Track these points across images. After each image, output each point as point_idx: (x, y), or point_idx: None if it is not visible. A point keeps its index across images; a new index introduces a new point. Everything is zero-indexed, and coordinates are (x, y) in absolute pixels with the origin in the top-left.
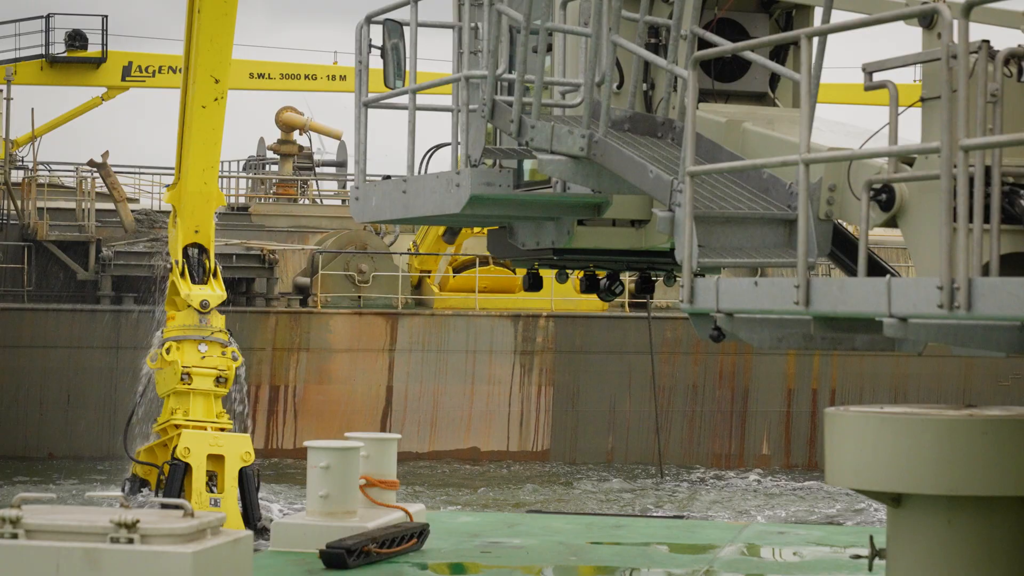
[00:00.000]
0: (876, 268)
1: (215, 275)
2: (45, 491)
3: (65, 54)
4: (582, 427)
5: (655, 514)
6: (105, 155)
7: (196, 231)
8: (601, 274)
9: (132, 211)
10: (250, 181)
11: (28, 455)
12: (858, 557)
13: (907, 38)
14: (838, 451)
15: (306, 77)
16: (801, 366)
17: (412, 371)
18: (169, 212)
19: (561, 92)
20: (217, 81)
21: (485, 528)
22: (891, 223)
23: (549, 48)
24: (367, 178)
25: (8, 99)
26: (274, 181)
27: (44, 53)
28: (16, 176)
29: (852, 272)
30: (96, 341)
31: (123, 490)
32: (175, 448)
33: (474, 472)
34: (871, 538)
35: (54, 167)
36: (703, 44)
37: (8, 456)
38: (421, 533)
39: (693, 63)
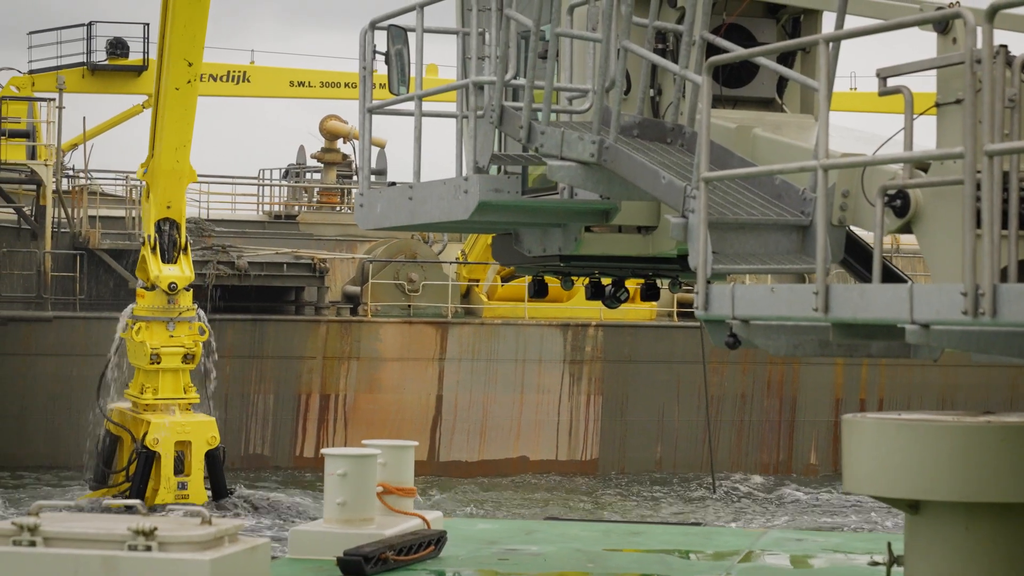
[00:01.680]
0: (889, 275)
1: (185, 251)
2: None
3: (106, 62)
4: (631, 436)
5: (672, 521)
6: None
7: (168, 207)
8: (606, 281)
9: None
10: (289, 189)
11: (83, 462)
12: (876, 564)
13: (915, 43)
14: (856, 458)
15: (346, 85)
16: (849, 376)
17: (462, 380)
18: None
19: (568, 98)
20: (190, 64)
21: (502, 535)
22: (905, 229)
23: (556, 54)
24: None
25: (60, 107)
26: (317, 190)
27: (85, 61)
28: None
29: (864, 279)
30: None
31: (97, 446)
32: (145, 435)
33: (522, 482)
34: (889, 545)
35: (96, 174)
36: (712, 50)
37: (62, 465)
38: (438, 540)
39: (707, 68)
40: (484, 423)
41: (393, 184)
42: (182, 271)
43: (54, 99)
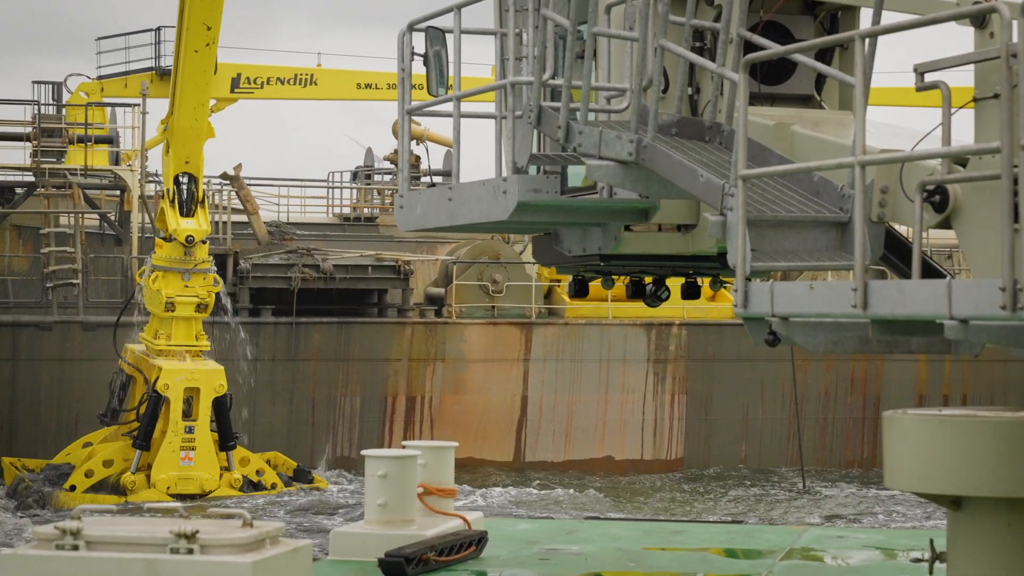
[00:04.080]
0: (929, 271)
1: (202, 204)
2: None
3: None
4: (715, 435)
5: (713, 519)
6: (238, 168)
7: (187, 162)
8: (647, 280)
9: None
10: (358, 191)
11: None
12: (918, 561)
13: (955, 38)
14: (897, 454)
15: (413, 87)
16: (932, 372)
17: (547, 380)
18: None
19: (606, 97)
20: (209, 28)
21: (543, 535)
22: (944, 224)
23: (593, 53)
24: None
25: (144, 112)
26: (389, 191)
27: (154, 66)
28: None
29: (904, 275)
30: (235, 353)
31: (111, 386)
32: (156, 379)
33: (609, 482)
34: (931, 541)
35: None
36: (749, 47)
37: None
38: (479, 541)
39: (744, 66)
40: (569, 423)
41: (433, 185)
42: (199, 224)
43: (138, 104)
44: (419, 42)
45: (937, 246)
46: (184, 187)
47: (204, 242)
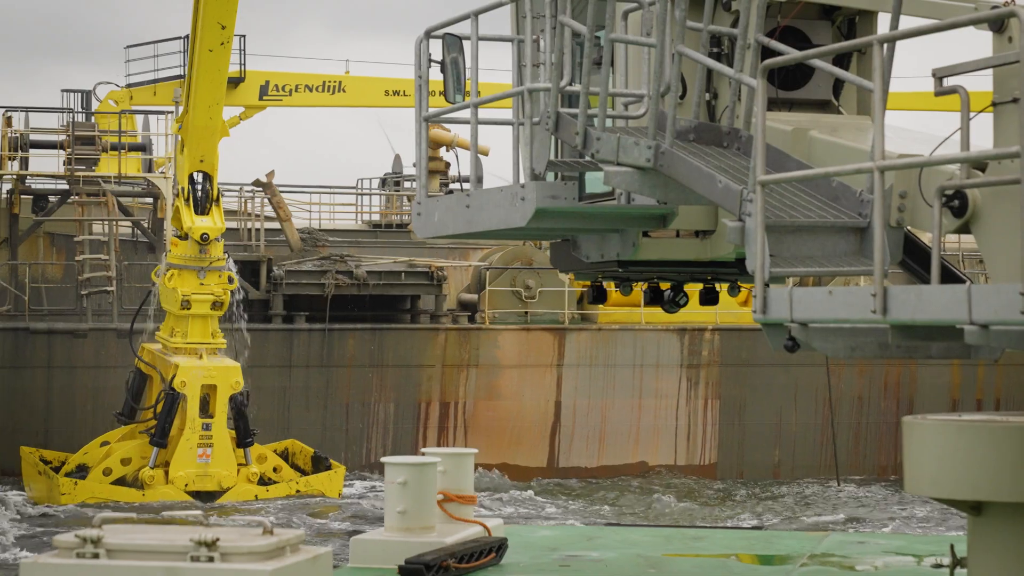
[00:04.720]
0: (948, 275)
1: (217, 202)
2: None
3: None
4: (749, 440)
5: (734, 525)
6: (270, 175)
7: (201, 160)
8: (665, 286)
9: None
10: (385, 198)
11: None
12: (939, 566)
13: (973, 43)
14: (917, 460)
15: (440, 93)
16: (966, 376)
17: (580, 386)
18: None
19: (624, 103)
20: (223, 27)
21: (563, 542)
22: (963, 229)
23: (611, 59)
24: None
25: (177, 120)
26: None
27: (183, 74)
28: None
29: (923, 280)
30: (269, 360)
31: (128, 383)
32: (173, 377)
33: (643, 486)
34: (952, 547)
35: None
36: (767, 52)
37: None
38: (499, 547)
39: (762, 72)
40: (602, 428)
41: (451, 192)
42: (214, 222)
43: (170, 111)
44: (436, 49)
45: (968, 250)
46: (199, 185)
47: (219, 240)
